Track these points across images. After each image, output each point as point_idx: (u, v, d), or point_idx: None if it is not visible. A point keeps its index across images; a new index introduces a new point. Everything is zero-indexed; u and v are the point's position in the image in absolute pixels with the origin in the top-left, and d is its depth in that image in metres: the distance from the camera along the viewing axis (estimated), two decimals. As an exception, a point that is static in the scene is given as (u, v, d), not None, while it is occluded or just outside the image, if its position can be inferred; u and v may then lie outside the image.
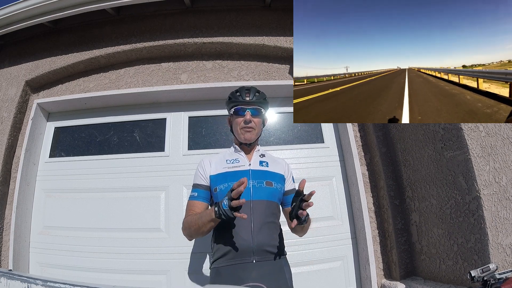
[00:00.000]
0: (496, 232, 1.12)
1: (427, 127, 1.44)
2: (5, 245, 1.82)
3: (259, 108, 1.20)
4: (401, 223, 1.64)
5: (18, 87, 2.08)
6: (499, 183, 1.17)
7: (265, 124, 1.29)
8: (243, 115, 1.17)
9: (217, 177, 1.14)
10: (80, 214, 1.89)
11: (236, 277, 1.01)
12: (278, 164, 1.23)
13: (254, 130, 1.18)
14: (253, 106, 1.18)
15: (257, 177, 1.14)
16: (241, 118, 1.17)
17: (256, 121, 1.19)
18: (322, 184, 1.90)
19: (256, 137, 1.21)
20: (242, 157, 1.20)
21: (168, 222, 1.81)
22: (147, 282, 1.72)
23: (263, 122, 1.25)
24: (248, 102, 1.18)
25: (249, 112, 1.17)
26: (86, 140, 2.11)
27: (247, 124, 1.17)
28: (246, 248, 1.04)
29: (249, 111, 1.17)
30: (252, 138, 1.19)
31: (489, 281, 0.69)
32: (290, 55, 2.05)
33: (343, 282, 1.75)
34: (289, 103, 2.08)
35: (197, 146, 2.01)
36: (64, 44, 2.16)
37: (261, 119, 1.22)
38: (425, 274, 1.49)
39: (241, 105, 1.18)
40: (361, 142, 1.87)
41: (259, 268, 1.03)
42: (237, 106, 1.19)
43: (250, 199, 1.09)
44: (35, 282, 0.58)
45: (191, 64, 2.11)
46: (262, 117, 1.23)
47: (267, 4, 2.08)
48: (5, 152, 1.92)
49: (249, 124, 1.17)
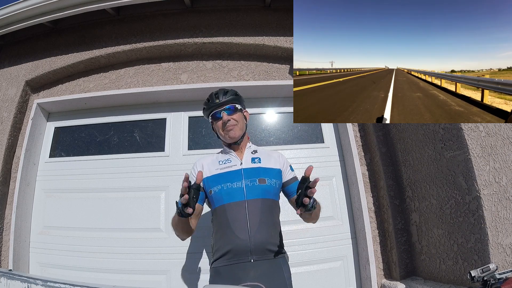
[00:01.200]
0: (496, 232, 1.12)
1: (427, 127, 1.44)
2: (5, 245, 1.82)
3: (232, 105, 1.21)
4: (401, 223, 1.64)
5: (18, 87, 2.08)
6: (499, 183, 1.17)
7: (247, 117, 1.28)
8: (221, 117, 1.19)
9: (210, 180, 1.16)
10: (80, 214, 1.89)
11: (235, 277, 1.02)
12: (271, 158, 1.22)
13: (236, 125, 1.19)
14: (226, 106, 1.19)
15: (250, 175, 1.14)
16: (220, 120, 1.19)
17: (236, 117, 1.20)
18: (322, 184, 1.90)
19: (242, 132, 1.21)
20: (233, 157, 1.20)
21: (168, 222, 1.81)
22: (147, 282, 1.72)
23: (244, 116, 1.25)
24: (219, 104, 1.19)
25: (225, 113, 1.18)
26: (86, 140, 2.11)
27: (228, 124, 1.18)
28: (244, 247, 1.04)
29: (224, 112, 1.18)
30: (237, 134, 1.19)
31: (489, 281, 0.69)
32: (290, 55, 2.05)
33: (343, 282, 1.75)
34: (289, 103, 2.07)
35: (197, 146, 2.01)
36: (64, 44, 2.16)
37: (238, 113, 1.22)
38: (425, 274, 1.49)
39: (215, 109, 1.20)
40: (361, 142, 1.87)
41: (257, 267, 1.03)
42: (212, 111, 1.21)
43: (244, 199, 1.09)
44: (35, 282, 0.59)
45: (191, 64, 2.11)
46: (240, 112, 1.23)
47: (267, 4, 2.08)
48: (5, 152, 1.92)
49: (229, 123, 1.18)
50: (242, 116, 1.24)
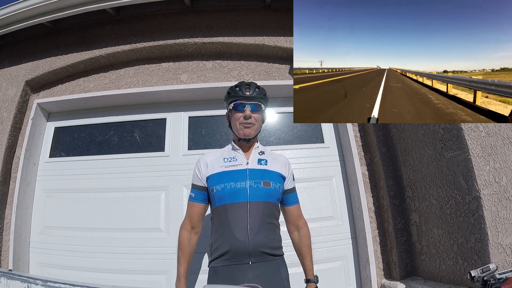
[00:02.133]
0: (496, 232, 1.12)
1: (427, 127, 1.44)
2: (5, 245, 1.82)
3: (259, 104, 1.16)
4: (401, 223, 1.64)
5: (18, 87, 2.08)
6: (499, 183, 1.17)
7: (264, 121, 1.26)
8: (243, 110, 1.14)
9: (213, 177, 1.13)
10: (80, 214, 1.89)
11: (233, 278, 1.02)
12: (277, 162, 1.20)
13: (254, 125, 1.15)
14: (253, 102, 1.15)
15: (255, 177, 1.12)
16: (240, 113, 1.14)
17: (256, 117, 1.16)
18: (322, 184, 1.90)
19: (256, 133, 1.19)
20: (240, 155, 1.18)
21: (168, 222, 1.81)
22: (147, 282, 1.72)
23: (262, 118, 1.22)
24: (248, 97, 1.15)
25: (249, 108, 1.14)
26: (86, 140, 2.11)
27: (247, 120, 1.14)
28: (242, 249, 1.04)
29: (249, 107, 1.14)
30: (251, 134, 1.16)
31: (489, 281, 0.69)
32: (290, 55, 2.05)
33: (343, 282, 1.75)
34: (289, 103, 2.07)
35: (197, 146, 2.01)
36: (64, 44, 2.16)
37: (260, 115, 1.18)
38: (425, 274, 1.49)
39: (240, 100, 1.14)
40: (361, 142, 1.87)
41: (254, 269, 1.03)
42: (236, 101, 1.15)
43: (246, 200, 1.08)
44: (35, 282, 0.59)
45: (191, 64, 2.11)
46: (262, 113, 1.20)
47: (267, 4, 2.07)
48: (5, 152, 1.92)
49: (248, 119, 1.14)
50: (260, 118, 1.20)
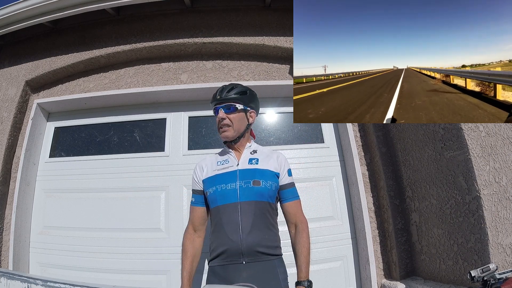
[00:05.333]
0: (496, 232, 1.12)
1: (427, 127, 1.44)
2: (5, 245, 1.82)
3: (232, 104, 1.16)
4: (401, 223, 1.64)
5: (18, 87, 2.08)
6: (499, 183, 1.17)
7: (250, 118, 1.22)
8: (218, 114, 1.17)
9: (207, 181, 1.17)
10: (80, 214, 1.89)
11: (229, 277, 1.03)
12: (269, 160, 1.18)
13: (231, 127, 1.16)
14: (225, 104, 1.16)
15: (244, 177, 1.12)
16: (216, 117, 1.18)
17: (231, 117, 1.15)
18: (322, 184, 1.90)
19: (236, 133, 1.17)
20: (231, 157, 1.20)
21: (168, 222, 1.81)
22: (147, 282, 1.72)
23: (246, 116, 1.19)
24: (219, 100, 1.16)
25: (222, 110, 1.16)
26: (86, 140, 2.11)
27: (221, 122, 1.16)
28: (235, 249, 1.05)
29: (221, 109, 1.16)
30: (229, 135, 1.17)
31: (489, 281, 0.69)
32: (290, 55, 2.05)
33: (343, 282, 1.75)
34: (289, 103, 2.07)
35: (197, 146, 2.01)
36: (64, 44, 2.15)
37: (238, 114, 1.17)
38: (425, 274, 1.49)
39: (215, 105, 1.18)
40: (361, 142, 1.87)
41: (249, 269, 1.03)
42: (214, 106, 1.19)
43: (237, 201, 1.08)
44: (35, 282, 0.59)
45: (191, 64, 2.11)
46: (241, 112, 1.17)
47: (267, 4, 2.07)
48: (5, 152, 1.92)
49: (222, 122, 1.16)
50: (242, 116, 1.18)
